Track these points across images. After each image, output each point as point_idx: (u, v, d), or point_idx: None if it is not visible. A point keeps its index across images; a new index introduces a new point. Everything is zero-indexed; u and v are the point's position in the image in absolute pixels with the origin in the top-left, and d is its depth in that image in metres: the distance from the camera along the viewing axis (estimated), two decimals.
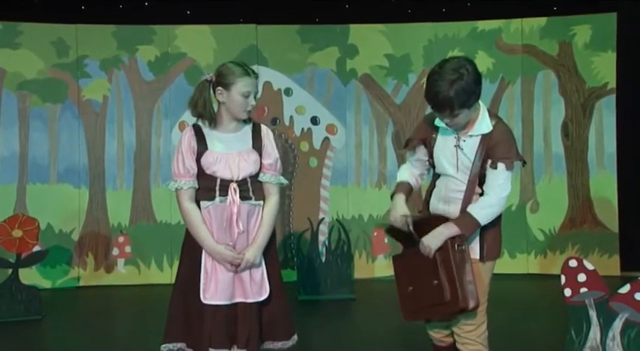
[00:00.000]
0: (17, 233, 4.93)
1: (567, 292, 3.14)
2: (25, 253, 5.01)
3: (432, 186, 2.94)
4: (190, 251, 2.96)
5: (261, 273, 2.95)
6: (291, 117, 6.24)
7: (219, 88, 2.93)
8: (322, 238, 5.74)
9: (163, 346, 2.96)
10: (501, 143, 2.76)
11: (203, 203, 2.93)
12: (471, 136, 2.77)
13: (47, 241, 5.79)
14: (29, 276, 5.52)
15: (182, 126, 6.12)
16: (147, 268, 6.13)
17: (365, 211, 6.24)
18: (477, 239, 2.81)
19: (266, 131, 3.03)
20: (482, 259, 2.80)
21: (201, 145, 2.93)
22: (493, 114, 2.84)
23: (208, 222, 2.91)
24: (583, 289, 3.12)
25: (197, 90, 2.98)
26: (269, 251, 2.99)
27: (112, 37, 6.09)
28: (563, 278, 3.14)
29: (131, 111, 6.14)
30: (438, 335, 2.99)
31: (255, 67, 5.96)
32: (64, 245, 6.00)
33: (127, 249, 6.13)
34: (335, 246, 5.52)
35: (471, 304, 2.69)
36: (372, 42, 6.26)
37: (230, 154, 2.92)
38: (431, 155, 2.88)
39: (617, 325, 3.07)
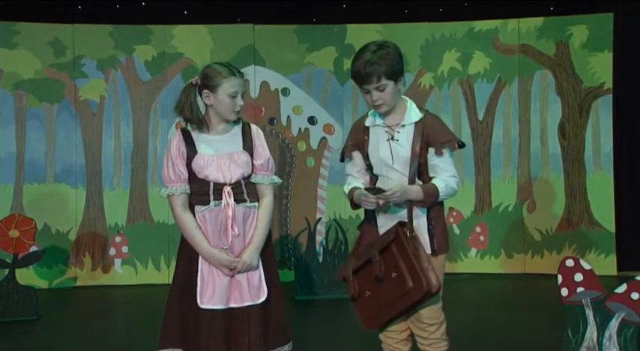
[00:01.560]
0: (14, 233, 4.92)
1: (564, 291, 3.14)
2: (21, 253, 5.00)
3: None
4: (186, 256, 2.92)
5: (258, 275, 2.91)
6: (289, 117, 6.24)
7: (206, 90, 2.88)
8: (319, 238, 5.74)
9: None
10: (438, 128, 2.82)
11: (197, 208, 2.88)
12: (403, 125, 2.82)
13: (44, 242, 5.79)
14: (26, 276, 5.51)
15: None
16: (144, 268, 6.12)
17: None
18: (427, 233, 2.82)
19: (256, 131, 2.99)
20: (433, 252, 2.79)
21: (191, 149, 2.89)
22: (420, 107, 2.89)
23: (203, 226, 2.87)
24: (580, 289, 3.12)
25: (183, 94, 2.94)
26: (266, 252, 2.96)
27: (109, 37, 6.09)
28: (559, 278, 3.15)
29: (128, 111, 6.14)
30: (394, 335, 2.92)
31: (252, 67, 6.09)
32: (60, 245, 6.00)
33: (124, 249, 6.13)
34: (332, 246, 5.52)
35: (435, 287, 2.67)
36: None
37: (221, 156, 2.88)
38: (367, 157, 2.89)
39: (614, 324, 3.07)
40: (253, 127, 3.01)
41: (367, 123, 2.92)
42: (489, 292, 5.76)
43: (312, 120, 6.25)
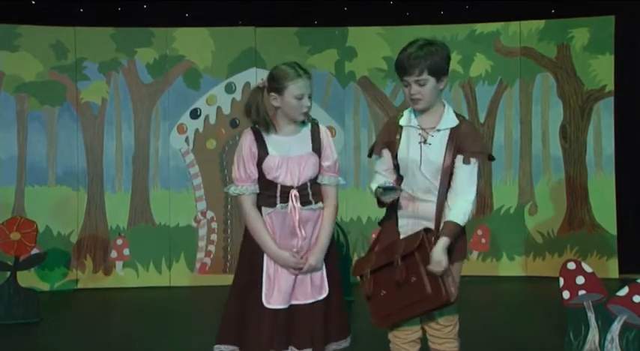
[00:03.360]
0: (15, 236, 4.92)
1: (566, 294, 3.14)
2: (23, 255, 5.00)
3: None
4: (250, 255, 2.95)
5: (320, 275, 2.95)
6: None
7: (273, 93, 2.90)
8: None
9: (216, 346, 2.95)
10: (472, 136, 2.77)
11: (264, 209, 2.91)
12: (438, 130, 2.78)
13: (45, 244, 5.78)
14: (27, 279, 5.51)
15: (181, 128, 6.13)
16: (145, 271, 6.12)
17: (363, 214, 6.23)
18: None
19: (325, 132, 3.01)
20: (450, 260, 2.76)
21: (262, 149, 2.90)
22: (458, 114, 2.85)
23: (270, 228, 2.90)
24: (581, 292, 3.12)
25: (251, 97, 2.96)
26: (329, 252, 2.99)
27: (110, 40, 6.10)
28: (561, 281, 3.15)
29: (129, 113, 6.14)
30: (404, 335, 2.90)
31: (253, 70, 6.10)
32: (62, 248, 6.00)
33: (126, 251, 6.12)
34: None
35: (453, 297, 2.67)
36: (371, 44, 6.26)
37: (291, 158, 2.90)
38: (395, 157, 2.86)
39: (616, 327, 3.07)
40: (322, 127, 3.02)
41: (402, 122, 2.86)
42: (491, 294, 5.75)
43: None
